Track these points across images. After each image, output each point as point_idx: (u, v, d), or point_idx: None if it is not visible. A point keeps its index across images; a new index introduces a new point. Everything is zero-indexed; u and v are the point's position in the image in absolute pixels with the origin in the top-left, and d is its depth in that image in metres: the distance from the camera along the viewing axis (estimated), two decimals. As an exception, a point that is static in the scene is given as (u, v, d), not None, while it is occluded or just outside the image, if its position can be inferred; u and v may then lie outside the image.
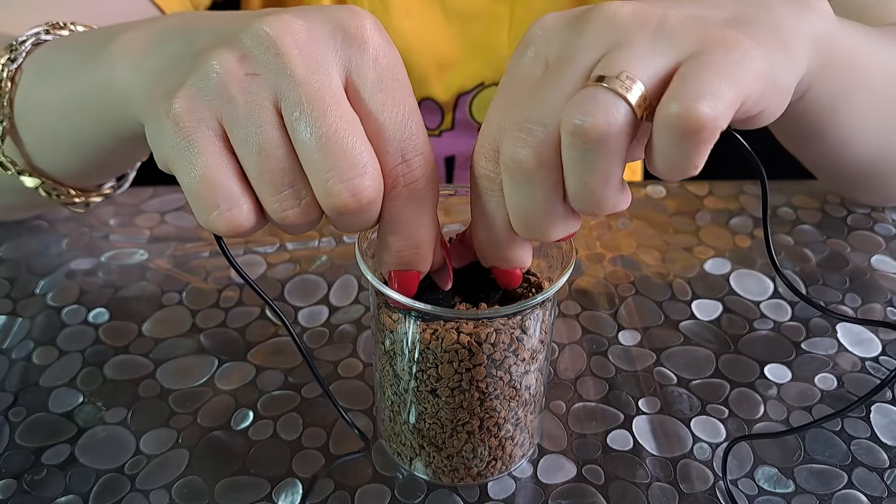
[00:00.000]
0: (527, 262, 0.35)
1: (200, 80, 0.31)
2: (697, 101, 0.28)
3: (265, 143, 0.30)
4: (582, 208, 0.31)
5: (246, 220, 0.31)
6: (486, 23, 0.64)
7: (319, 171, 0.30)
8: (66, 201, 0.49)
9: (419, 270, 0.34)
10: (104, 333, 0.50)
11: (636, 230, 0.59)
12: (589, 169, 0.29)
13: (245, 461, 0.42)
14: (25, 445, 0.43)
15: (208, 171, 0.30)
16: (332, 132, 0.30)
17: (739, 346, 0.50)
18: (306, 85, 0.30)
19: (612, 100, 0.29)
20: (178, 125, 0.31)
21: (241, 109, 0.31)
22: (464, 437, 0.38)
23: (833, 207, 0.62)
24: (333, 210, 0.31)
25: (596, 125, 0.28)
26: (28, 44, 0.45)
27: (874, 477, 0.42)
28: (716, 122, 0.28)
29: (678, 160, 0.29)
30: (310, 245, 0.57)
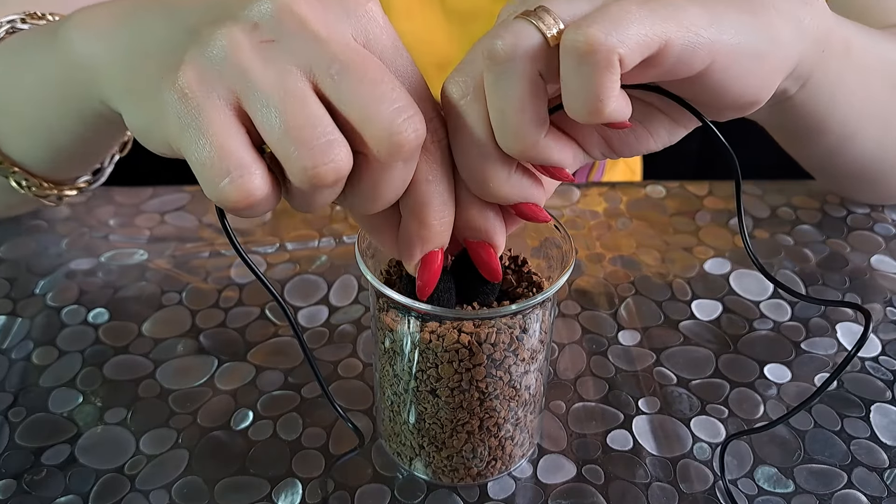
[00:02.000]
0: (493, 233, 0.34)
1: (209, 51, 0.30)
2: (591, 25, 0.29)
3: (291, 98, 0.30)
4: (505, 144, 0.32)
5: (258, 187, 0.30)
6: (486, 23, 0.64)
7: (377, 114, 0.30)
8: (39, 194, 0.49)
9: (445, 245, 0.34)
10: (104, 333, 0.50)
11: (636, 230, 0.59)
12: (501, 92, 0.31)
13: (245, 461, 0.42)
14: (25, 445, 0.43)
15: (217, 137, 0.29)
16: (381, 78, 0.30)
17: (739, 346, 0.50)
18: (335, 42, 0.30)
19: (525, 26, 0.30)
20: (187, 95, 0.30)
21: (260, 73, 0.30)
22: (464, 437, 0.38)
23: (833, 207, 0.62)
24: (394, 151, 0.30)
25: (504, 46, 0.30)
26: (2, 30, 0.45)
27: (874, 477, 0.42)
28: (610, 47, 0.28)
29: (581, 90, 0.30)
30: (310, 245, 0.57)
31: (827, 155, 0.54)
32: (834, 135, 0.50)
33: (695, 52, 0.31)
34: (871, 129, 0.50)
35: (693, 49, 0.31)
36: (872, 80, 0.47)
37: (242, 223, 0.59)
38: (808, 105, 0.45)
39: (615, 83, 0.29)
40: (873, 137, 0.51)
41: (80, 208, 0.60)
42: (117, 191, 0.62)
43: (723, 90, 0.33)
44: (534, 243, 0.40)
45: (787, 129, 0.53)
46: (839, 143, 0.51)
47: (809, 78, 0.41)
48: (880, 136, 0.51)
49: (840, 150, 0.52)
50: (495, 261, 0.35)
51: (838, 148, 0.52)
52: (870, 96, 0.48)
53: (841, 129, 0.49)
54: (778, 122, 0.52)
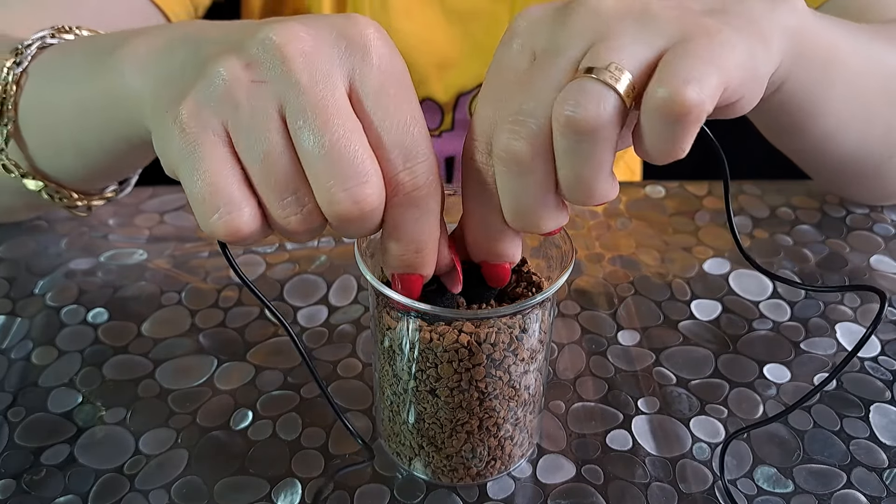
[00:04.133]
0: (517, 256, 0.35)
1: (207, 87, 0.31)
2: (684, 85, 0.29)
3: (269, 149, 0.31)
4: (573, 199, 0.32)
5: (246, 224, 0.31)
6: (486, 23, 0.64)
7: (322, 179, 0.30)
8: (69, 204, 0.50)
9: (422, 274, 0.34)
10: (103, 333, 0.50)
11: (635, 230, 0.59)
12: (581, 159, 0.30)
13: (244, 461, 0.42)
14: (25, 445, 0.43)
15: (210, 175, 0.31)
16: (335, 141, 0.30)
17: (738, 346, 0.50)
18: (310, 93, 0.31)
19: (602, 90, 0.29)
20: (184, 131, 0.31)
21: (247, 116, 0.31)
22: (463, 437, 0.38)
23: (832, 207, 0.62)
24: (336, 218, 0.31)
25: (587, 116, 0.29)
26: (34, 47, 0.45)
27: (873, 477, 0.42)
28: (702, 105, 0.29)
29: (667, 144, 0.30)
30: (309, 245, 0.57)
31: (809, 151, 0.54)
32: (813, 133, 0.50)
33: (742, 86, 0.32)
34: (854, 129, 0.50)
35: (742, 84, 0.32)
36: (857, 81, 0.47)
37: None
38: (785, 106, 0.45)
39: (697, 131, 0.30)
40: (856, 137, 0.51)
41: (79, 209, 0.60)
42: (117, 191, 0.62)
43: (735, 112, 0.34)
44: (533, 243, 0.40)
45: (768, 125, 0.53)
46: (819, 140, 0.51)
47: (784, 81, 0.42)
48: (862, 135, 0.51)
49: (821, 147, 0.52)
50: (508, 273, 0.36)
51: (819, 145, 0.52)
52: (853, 97, 0.48)
53: (820, 129, 0.49)
54: (757, 120, 0.52)
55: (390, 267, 0.34)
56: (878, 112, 0.50)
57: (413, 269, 0.34)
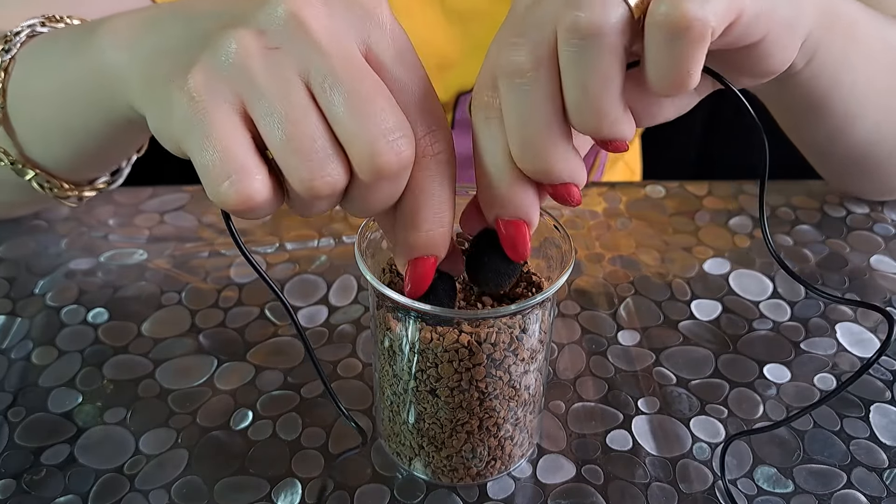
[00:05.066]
0: (532, 211, 0.33)
1: (218, 56, 0.31)
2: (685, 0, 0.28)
3: (293, 109, 0.30)
4: (582, 121, 0.31)
5: (258, 191, 0.30)
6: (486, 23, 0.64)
7: (361, 132, 0.30)
8: (60, 195, 0.49)
9: (439, 255, 0.34)
10: (103, 333, 0.50)
11: (635, 230, 0.59)
12: (586, 68, 0.29)
13: (244, 461, 0.42)
14: (25, 445, 0.43)
15: (221, 140, 0.30)
16: (371, 96, 0.30)
17: (739, 346, 0.50)
18: (334, 54, 0.30)
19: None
20: (193, 99, 0.30)
21: (265, 81, 0.30)
22: (463, 437, 0.38)
23: (832, 207, 0.62)
24: (374, 173, 0.30)
25: (592, 19, 0.28)
26: (23, 35, 0.45)
27: (873, 477, 0.42)
28: (705, 21, 0.28)
29: (670, 65, 0.29)
30: (309, 245, 0.57)
31: (827, 138, 0.54)
32: (835, 115, 0.50)
33: (759, 21, 0.31)
34: (872, 112, 0.51)
35: (758, 19, 0.31)
36: (875, 62, 0.48)
37: (241, 223, 0.59)
38: (813, 81, 0.45)
39: (703, 55, 0.29)
40: (874, 121, 0.51)
41: (79, 208, 0.60)
42: (117, 191, 0.61)
43: (764, 59, 0.33)
44: (533, 243, 0.40)
45: (790, 107, 0.53)
46: (840, 124, 0.51)
47: (815, 53, 0.42)
48: (880, 121, 0.52)
49: (841, 132, 0.52)
50: (528, 240, 0.34)
51: (839, 130, 0.52)
52: (872, 78, 0.48)
53: (843, 110, 0.49)
54: (781, 99, 0.52)
55: (411, 249, 0.33)
56: (893, 95, 0.50)
57: (435, 247, 0.33)
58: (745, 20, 0.31)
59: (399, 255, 0.34)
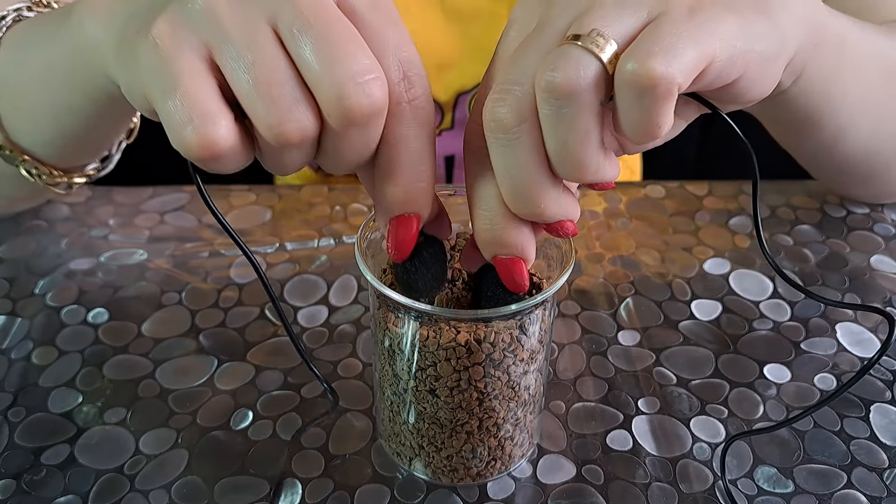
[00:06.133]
0: (527, 249, 0.34)
1: (183, 6, 0.30)
2: (650, 57, 0.28)
3: (260, 54, 0.30)
4: (566, 172, 0.31)
5: (223, 137, 0.29)
6: (486, 23, 0.64)
7: (329, 76, 0.29)
8: (49, 182, 0.49)
9: (421, 213, 0.33)
10: (103, 333, 0.50)
11: (635, 230, 0.59)
12: (563, 125, 0.30)
13: (244, 461, 0.42)
14: (25, 445, 0.43)
15: (185, 85, 0.29)
16: (340, 39, 0.30)
17: (739, 346, 0.50)
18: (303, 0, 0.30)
19: (583, 55, 0.29)
20: (158, 45, 0.30)
21: (231, 27, 0.30)
22: (463, 438, 0.38)
23: (832, 207, 0.62)
24: (343, 117, 0.30)
25: (567, 79, 0.29)
26: (9, 19, 0.46)
27: (873, 477, 0.42)
28: (670, 79, 0.28)
29: (639, 119, 0.29)
30: (309, 245, 0.57)
31: (820, 149, 0.54)
32: (826, 129, 0.50)
33: (734, 65, 0.31)
34: (864, 123, 0.50)
35: (732, 63, 0.31)
36: (866, 74, 0.47)
37: (242, 223, 0.59)
38: (801, 98, 0.45)
39: (672, 108, 0.29)
40: (866, 132, 0.51)
41: (79, 208, 0.60)
42: (117, 191, 0.62)
43: (743, 94, 0.34)
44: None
45: (780, 122, 0.53)
46: (832, 137, 0.51)
47: (803, 71, 0.41)
48: (873, 131, 0.51)
49: (832, 144, 0.52)
50: (525, 275, 0.34)
51: (831, 142, 0.52)
52: (863, 91, 0.48)
53: (834, 124, 0.49)
54: (771, 115, 0.52)
55: (390, 206, 0.33)
56: (887, 105, 0.50)
57: (416, 204, 0.33)
58: (718, 66, 0.31)
59: (380, 215, 0.34)
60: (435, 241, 0.35)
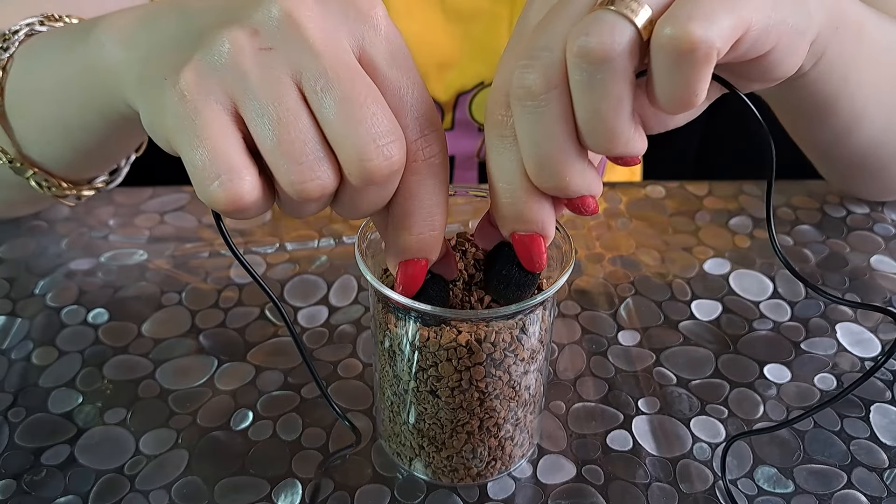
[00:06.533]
0: (548, 225, 0.33)
1: (210, 55, 0.31)
2: (690, 21, 0.28)
3: (285, 112, 0.30)
4: (595, 143, 0.30)
5: (248, 192, 0.30)
6: (486, 22, 0.64)
7: (351, 137, 0.30)
8: (58, 194, 0.50)
9: (430, 258, 0.34)
10: (104, 334, 0.50)
11: (635, 230, 0.59)
12: (597, 92, 0.29)
13: (244, 461, 0.42)
14: (25, 446, 0.43)
15: (211, 140, 0.30)
16: (362, 100, 0.30)
17: (739, 347, 0.50)
18: (327, 56, 0.30)
19: (618, 20, 0.29)
20: (185, 97, 0.30)
21: (257, 81, 0.30)
22: (463, 438, 0.38)
23: (832, 207, 0.62)
24: (363, 177, 0.30)
25: (602, 44, 0.28)
26: (21, 33, 0.46)
27: (873, 477, 0.42)
28: (710, 43, 0.28)
29: (676, 86, 0.29)
30: (309, 245, 0.57)
31: (833, 139, 0.54)
32: (841, 117, 0.50)
33: (768, 35, 0.31)
34: (878, 113, 0.51)
35: (767, 33, 0.31)
36: (882, 63, 0.48)
37: (241, 223, 0.59)
38: (820, 83, 0.45)
39: (710, 75, 0.29)
40: (880, 123, 0.51)
41: (79, 208, 0.60)
42: (117, 191, 0.62)
43: (774, 67, 0.33)
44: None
45: (797, 109, 0.52)
46: (846, 126, 0.51)
47: (823, 54, 0.41)
48: (886, 122, 0.52)
49: (846, 134, 0.52)
50: (544, 253, 0.34)
51: (845, 132, 0.52)
52: (878, 79, 0.48)
53: (849, 112, 0.49)
54: (788, 101, 0.52)
55: (401, 251, 0.33)
56: None
57: (425, 250, 0.33)
58: (753, 35, 0.30)
59: (390, 256, 0.34)
60: (440, 280, 0.36)
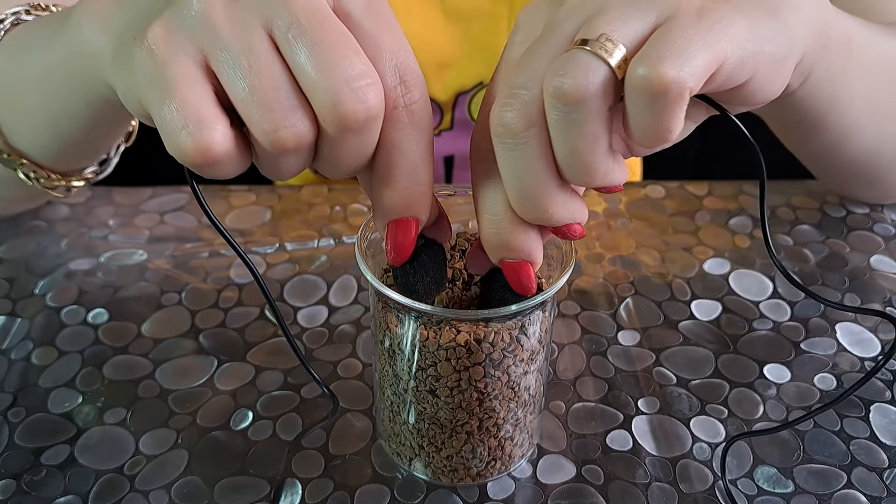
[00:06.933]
0: (535, 252, 0.34)
1: (180, 10, 0.30)
2: (661, 62, 0.28)
3: (256, 61, 0.29)
4: (574, 178, 0.31)
5: (218, 143, 0.29)
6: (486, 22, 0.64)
7: (323, 81, 0.29)
8: (48, 185, 0.49)
9: (420, 217, 0.33)
10: (103, 334, 0.50)
11: (635, 230, 0.59)
12: (572, 131, 0.29)
13: (244, 461, 0.42)
14: (25, 446, 0.43)
15: (179, 91, 0.29)
16: (335, 43, 0.29)
17: (739, 346, 0.50)
18: (299, 4, 0.30)
19: (592, 60, 0.29)
20: (153, 51, 0.30)
21: (227, 33, 0.30)
22: (463, 438, 0.38)
23: (832, 207, 0.62)
24: (339, 123, 0.30)
25: (576, 85, 0.29)
26: (7, 23, 0.46)
27: (873, 477, 0.42)
28: (682, 83, 0.28)
29: (650, 124, 0.29)
30: (309, 245, 0.57)
31: (825, 151, 0.54)
32: (833, 131, 0.50)
33: (744, 66, 0.31)
34: (870, 125, 0.51)
35: (742, 64, 0.31)
36: (873, 75, 0.47)
37: (242, 223, 0.59)
38: (809, 100, 0.45)
39: (683, 112, 0.29)
40: (871, 134, 0.51)
41: (79, 208, 0.60)
42: (117, 191, 0.62)
43: (753, 96, 0.34)
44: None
45: (787, 123, 0.53)
46: (838, 139, 0.51)
47: (811, 72, 0.41)
48: (878, 133, 0.52)
49: (838, 146, 0.52)
50: (532, 278, 0.34)
51: (837, 144, 0.52)
52: (869, 92, 0.48)
53: (840, 125, 0.49)
54: (778, 116, 0.52)
55: (388, 210, 0.33)
56: (893, 107, 0.50)
57: (414, 208, 0.33)
58: (728, 68, 0.31)
59: (378, 218, 0.34)
60: (434, 244, 0.35)
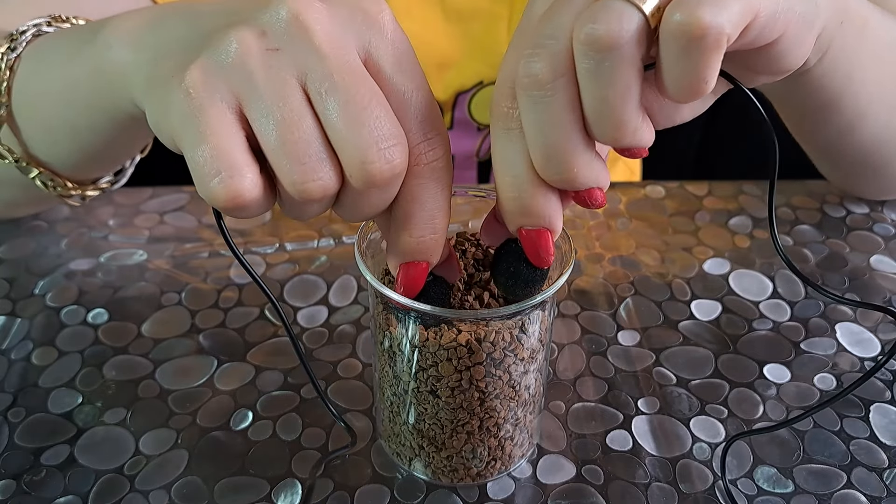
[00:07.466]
0: (555, 219, 0.33)
1: (217, 54, 0.31)
2: (699, 7, 0.28)
3: (289, 112, 0.30)
4: (603, 133, 0.30)
5: (248, 189, 0.30)
6: (486, 22, 0.64)
7: (353, 139, 0.30)
8: (63, 194, 0.50)
9: (430, 261, 0.34)
10: (103, 334, 0.50)
11: (635, 230, 0.59)
12: (604, 80, 0.29)
13: (244, 461, 0.42)
14: (25, 446, 0.43)
15: (215, 137, 0.30)
16: (366, 103, 0.30)
17: (738, 347, 0.50)
18: (333, 59, 0.30)
19: (626, 7, 0.28)
20: (191, 95, 0.30)
21: (262, 82, 0.30)
22: (463, 438, 0.38)
23: (832, 207, 0.62)
24: (365, 180, 0.30)
25: (610, 31, 0.28)
26: (28, 34, 0.46)
27: (873, 477, 0.42)
28: (720, 28, 0.28)
29: (686, 73, 0.29)
30: (309, 245, 0.57)
31: (836, 137, 0.54)
32: (845, 114, 0.50)
33: (776, 22, 0.31)
34: (881, 110, 0.51)
35: (775, 19, 0.31)
36: (885, 60, 0.48)
37: (242, 223, 0.59)
38: (824, 79, 0.45)
39: (719, 61, 0.29)
40: (883, 120, 0.51)
41: (79, 209, 0.60)
42: (117, 191, 0.62)
43: (781, 57, 0.33)
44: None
45: (801, 106, 0.52)
46: (849, 123, 0.51)
47: (828, 49, 0.41)
48: (889, 119, 0.52)
49: (850, 131, 0.52)
50: (551, 248, 0.33)
51: (848, 129, 0.52)
52: (882, 76, 0.49)
53: (853, 108, 0.49)
54: (792, 97, 0.52)
55: (402, 253, 0.33)
56: None
57: (426, 253, 0.33)
58: (762, 22, 0.30)
59: (391, 257, 0.34)
60: (441, 281, 0.36)
